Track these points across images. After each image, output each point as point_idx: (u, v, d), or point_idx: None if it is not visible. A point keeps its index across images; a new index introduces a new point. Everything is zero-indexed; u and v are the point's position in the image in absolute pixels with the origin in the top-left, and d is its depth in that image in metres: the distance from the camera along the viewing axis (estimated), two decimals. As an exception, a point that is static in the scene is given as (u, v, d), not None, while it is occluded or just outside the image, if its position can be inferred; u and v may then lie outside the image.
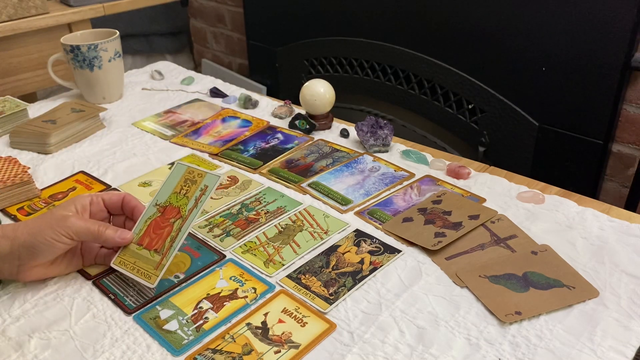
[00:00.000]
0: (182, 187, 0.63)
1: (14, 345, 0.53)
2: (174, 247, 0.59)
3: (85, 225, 0.57)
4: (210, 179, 0.62)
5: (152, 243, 0.60)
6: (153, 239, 0.60)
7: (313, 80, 0.92)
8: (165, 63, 1.28)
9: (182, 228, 0.60)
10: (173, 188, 0.63)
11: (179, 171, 0.65)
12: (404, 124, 1.52)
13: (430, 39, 1.37)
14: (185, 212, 0.61)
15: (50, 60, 1.05)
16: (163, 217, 0.61)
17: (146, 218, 0.62)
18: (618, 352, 0.50)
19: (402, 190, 0.76)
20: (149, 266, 0.58)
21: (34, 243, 0.56)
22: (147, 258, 0.59)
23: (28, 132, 0.90)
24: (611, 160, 1.20)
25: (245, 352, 0.51)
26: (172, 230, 0.60)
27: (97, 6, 1.43)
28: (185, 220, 0.60)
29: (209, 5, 2.11)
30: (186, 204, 0.62)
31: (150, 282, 0.58)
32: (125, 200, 0.62)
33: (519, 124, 1.25)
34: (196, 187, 0.62)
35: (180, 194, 0.62)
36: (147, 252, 0.59)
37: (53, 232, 0.56)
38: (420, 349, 0.51)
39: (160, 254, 0.59)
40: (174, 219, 0.61)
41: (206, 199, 0.61)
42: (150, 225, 0.61)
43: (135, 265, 0.59)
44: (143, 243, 0.60)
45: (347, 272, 0.60)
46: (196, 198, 0.61)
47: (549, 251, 0.62)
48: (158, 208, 0.62)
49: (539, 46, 1.17)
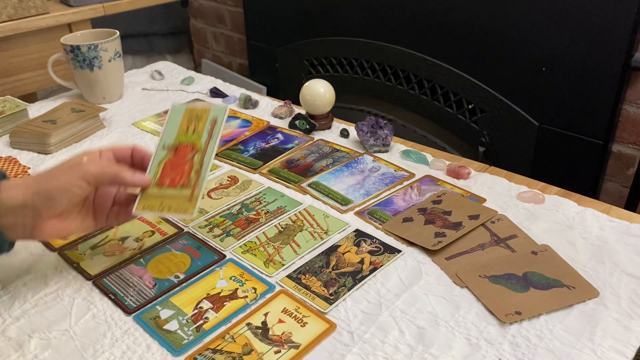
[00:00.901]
0: (189, 126, 0.61)
1: (14, 345, 0.53)
2: (202, 177, 0.58)
3: (101, 167, 0.55)
4: (217, 112, 0.61)
5: (175, 180, 0.58)
6: (175, 177, 0.59)
7: (313, 80, 0.92)
8: (165, 63, 1.28)
9: (205, 159, 0.59)
10: (177, 129, 0.61)
11: (177, 113, 0.62)
12: (404, 124, 1.52)
13: (430, 39, 1.37)
14: (201, 146, 0.60)
15: (50, 60, 1.05)
16: (177, 157, 0.60)
17: (157, 161, 0.60)
18: (618, 352, 0.50)
19: (402, 190, 0.76)
20: (179, 201, 0.57)
21: (49, 189, 0.53)
22: (174, 195, 0.58)
23: (28, 132, 0.90)
24: (611, 160, 1.20)
25: (245, 352, 0.51)
26: (193, 164, 0.59)
27: (97, 6, 1.43)
28: (204, 153, 0.59)
29: (209, 5, 2.11)
30: (199, 138, 0.60)
31: (189, 213, 0.56)
32: (135, 150, 0.60)
33: (519, 124, 1.25)
34: (204, 123, 0.61)
35: (189, 131, 0.61)
36: (172, 190, 0.58)
37: (68, 177, 0.53)
38: (420, 349, 0.51)
39: (189, 187, 0.58)
40: (192, 154, 0.60)
41: (220, 130, 0.60)
42: (165, 166, 0.60)
43: (163, 204, 0.58)
44: (164, 183, 0.59)
45: (347, 272, 0.60)
46: (208, 131, 0.60)
47: (549, 251, 0.62)
48: (168, 150, 0.61)
49: (539, 46, 1.17)
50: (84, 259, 0.64)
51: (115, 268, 0.62)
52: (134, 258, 0.64)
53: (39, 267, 0.63)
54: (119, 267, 0.63)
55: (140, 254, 0.65)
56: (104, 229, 0.69)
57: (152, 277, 0.61)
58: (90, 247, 0.66)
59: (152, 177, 0.59)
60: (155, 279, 0.60)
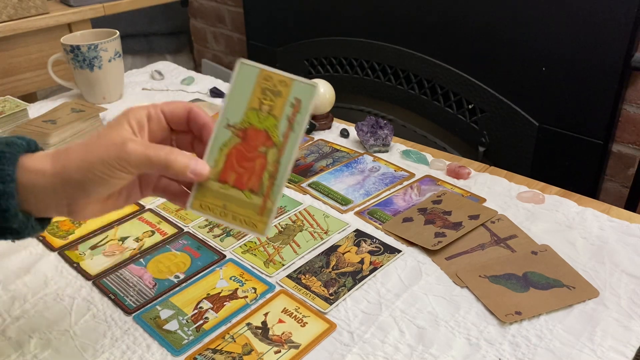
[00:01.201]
0: (262, 101, 0.46)
1: (14, 345, 0.53)
2: (277, 184, 0.45)
3: (145, 153, 0.43)
4: (302, 89, 0.46)
5: (244, 180, 0.45)
6: (242, 175, 0.46)
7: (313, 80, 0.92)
8: (165, 63, 1.28)
9: (282, 160, 0.45)
10: (247, 101, 0.46)
11: (248, 76, 0.47)
12: (404, 124, 1.52)
13: (430, 39, 1.37)
14: (278, 138, 0.45)
15: (50, 60, 1.05)
16: (247, 145, 0.46)
17: (220, 145, 0.46)
18: (618, 352, 0.50)
19: (402, 190, 0.76)
20: (248, 211, 0.45)
21: (83, 181, 0.43)
22: (241, 200, 0.45)
23: (28, 132, 0.90)
24: (611, 160, 1.20)
25: (245, 352, 0.51)
26: (266, 164, 0.45)
27: (97, 6, 1.43)
28: (282, 150, 0.45)
29: (209, 5, 2.11)
30: (275, 125, 0.46)
31: (259, 231, 0.45)
32: (192, 113, 0.47)
33: (519, 124, 1.25)
34: (283, 101, 0.46)
35: (262, 111, 0.46)
36: (238, 193, 0.45)
37: (106, 167, 0.42)
38: (420, 349, 0.51)
39: (260, 195, 0.45)
40: (265, 147, 0.46)
41: (304, 119, 0.45)
42: (231, 155, 0.46)
43: (227, 209, 0.46)
44: (228, 180, 0.46)
45: (347, 272, 0.60)
46: (289, 117, 0.46)
47: (549, 251, 0.62)
48: (234, 131, 0.46)
49: (539, 46, 1.17)
50: (84, 259, 0.64)
51: (115, 268, 0.62)
52: (134, 258, 0.64)
53: (39, 267, 0.63)
54: (119, 267, 0.63)
55: (140, 254, 0.65)
56: (104, 229, 0.69)
57: (152, 277, 0.61)
58: (90, 247, 0.66)
59: (213, 167, 0.46)
60: (155, 279, 0.60)
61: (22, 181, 0.42)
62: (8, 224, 0.42)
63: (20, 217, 0.42)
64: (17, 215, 0.42)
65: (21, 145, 0.44)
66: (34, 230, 0.45)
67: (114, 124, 0.45)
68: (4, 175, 0.41)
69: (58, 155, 0.43)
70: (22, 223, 0.43)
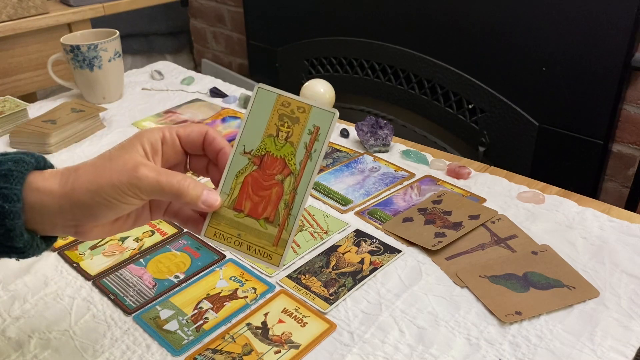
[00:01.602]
0: (279, 128, 0.45)
1: (14, 345, 0.53)
2: (293, 215, 0.44)
3: (157, 180, 0.41)
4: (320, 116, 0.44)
5: (259, 209, 0.45)
6: (258, 204, 0.45)
7: (313, 80, 0.92)
8: (165, 63, 1.28)
9: (299, 190, 0.44)
10: (265, 127, 0.45)
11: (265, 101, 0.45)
12: (404, 124, 1.52)
13: (430, 39, 1.37)
14: (295, 167, 0.44)
15: (50, 60, 1.05)
16: (263, 173, 0.45)
17: (236, 172, 0.45)
18: (618, 352, 0.50)
19: (402, 190, 0.76)
20: (262, 241, 0.45)
21: (92, 204, 0.41)
22: (256, 230, 0.45)
23: (28, 132, 0.90)
24: (611, 160, 1.20)
25: (245, 352, 0.51)
26: (283, 193, 0.44)
27: (97, 6, 1.43)
28: (299, 179, 0.44)
29: (209, 5, 2.11)
30: (293, 153, 0.44)
31: (273, 263, 0.44)
32: (208, 138, 0.45)
33: (519, 124, 1.25)
34: (301, 128, 0.44)
35: (279, 138, 0.45)
36: (253, 222, 0.45)
37: (116, 192, 0.41)
38: (420, 349, 0.51)
39: (275, 225, 0.44)
40: (281, 175, 0.45)
41: (323, 147, 0.44)
42: (246, 183, 0.45)
43: (242, 239, 0.45)
44: (243, 208, 0.45)
45: (347, 272, 0.60)
46: (306, 145, 0.44)
47: (549, 251, 0.62)
48: (250, 158, 0.45)
49: (539, 46, 1.17)
50: (84, 259, 0.64)
51: (115, 268, 0.62)
52: (134, 258, 0.64)
53: (39, 267, 0.63)
54: (119, 267, 0.63)
55: (140, 254, 0.65)
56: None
57: (152, 277, 0.61)
58: (90, 247, 0.66)
59: (228, 194, 0.45)
60: (155, 279, 0.60)
61: (29, 200, 0.41)
62: (13, 244, 0.41)
63: (25, 237, 0.42)
64: (22, 235, 0.41)
65: (30, 163, 0.43)
66: (38, 250, 0.44)
67: (127, 145, 0.43)
68: (11, 195, 0.40)
69: (67, 174, 0.42)
70: (27, 242, 0.42)
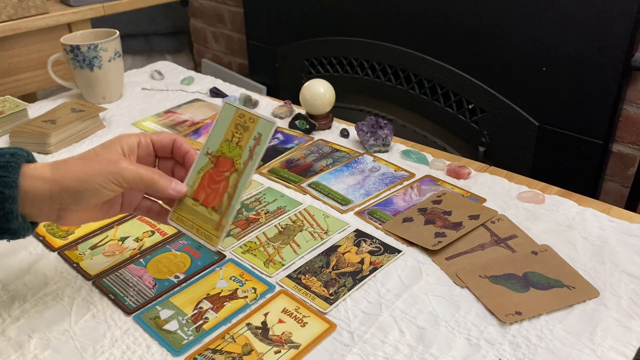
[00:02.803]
0: (234, 134, 0.56)
1: (14, 345, 0.53)
2: (232, 206, 0.54)
3: (137, 171, 0.51)
4: (263, 126, 0.55)
5: (209, 199, 0.55)
6: (209, 195, 0.55)
7: (313, 80, 0.92)
8: (165, 63, 1.28)
9: (239, 184, 0.54)
10: (224, 134, 0.57)
11: (227, 113, 0.57)
12: (404, 124, 1.52)
13: (430, 39, 1.37)
14: (240, 165, 0.55)
15: (50, 60, 1.05)
16: (217, 170, 0.56)
17: (198, 169, 0.56)
18: (618, 352, 0.50)
19: (402, 190, 0.76)
20: (208, 226, 0.55)
21: (80, 190, 0.50)
22: (205, 216, 0.55)
23: (28, 132, 0.90)
24: (611, 160, 1.20)
25: (245, 352, 0.51)
26: (228, 186, 0.55)
27: (97, 6, 1.43)
28: (240, 175, 0.55)
29: (209, 5, 2.11)
30: (240, 154, 0.56)
31: (212, 244, 0.54)
32: (177, 143, 0.56)
33: (519, 124, 1.25)
34: (249, 135, 0.56)
35: (232, 142, 0.56)
36: (204, 210, 0.55)
37: (102, 179, 0.50)
38: (421, 349, 0.51)
39: (219, 212, 0.54)
40: (229, 172, 0.55)
41: (262, 150, 0.55)
42: (205, 177, 0.56)
43: (194, 223, 0.55)
44: (199, 198, 0.55)
45: (347, 272, 0.60)
46: (250, 148, 0.55)
47: (549, 251, 0.62)
48: (210, 158, 0.56)
49: (539, 46, 1.17)
50: (84, 259, 0.64)
51: (115, 268, 0.62)
52: (134, 258, 0.64)
53: (39, 267, 0.63)
54: (118, 267, 0.63)
55: (140, 254, 0.65)
56: (104, 229, 0.69)
57: (152, 277, 0.61)
58: (90, 247, 0.66)
59: (191, 186, 0.56)
60: (155, 279, 0.60)
61: (23, 186, 0.49)
62: (9, 225, 0.48)
63: (19, 220, 0.49)
64: (17, 217, 0.49)
65: (22, 156, 0.50)
66: (27, 232, 0.51)
67: (108, 145, 0.53)
68: (10, 182, 0.48)
69: (57, 165, 0.50)
70: (20, 225, 0.49)
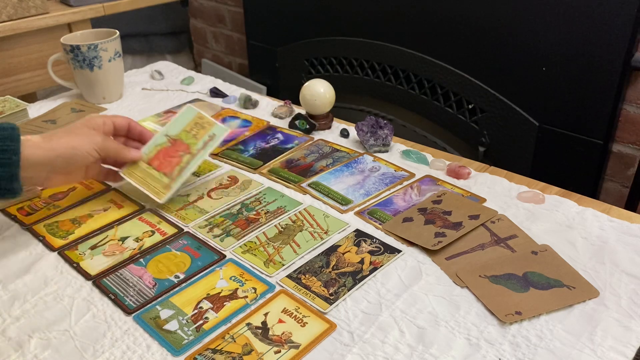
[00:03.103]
0: (193, 128, 0.72)
1: (14, 345, 0.53)
2: (182, 175, 0.70)
3: (108, 142, 0.68)
4: (219, 130, 0.73)
5: (162, 166, 0.70)
6: (162, 163, 0.71)
7: (313, 80, 0.92)
8: (165, 63, 1.28)
9: (191, 162, 0.70)
10: (184, 126, 0.73)
11: (189, 113, 0.73)
12: (404, 124, 1.52)
13: (430, 39, 1.37)
14: (194, 150, 0.71)
15: (50, 60, 1.05)
16: (173, 148, 0.71)
17: (156, 144, 0.72)
18: (618, 352, 0.50)
19: (402, 190, 0.76)
20: (157, 184, 0.69)
21: (74, 154, 0.64)
22: (155, 178, 0.70)
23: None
24: (611, 160, 1.20)
25: (245, 352, 0.51)
26: (181, 162, 0.70)
27: (97, 6, 1.43)
28: (194, 157, 0.71)
29: (209, 5, 2.11)
30: (195, 144, 0.71)
31: (159, 197, 0.69)
32: (132, 125, 0.73)
33: (519, 124, 1.25)
34: (205, 132, 0.72)
35: (190, 133, 0.72)
36: (156, 173, 0.70)
37: (89, 147, 0.65)
38: (421, 349, 0.51)
39: (169, 178, 0.69)
40: (184, 153, 0.71)
41: (213, 146, 0.72)
42: (161, 151, 0.71)
43: (145, 180, 0.70)
44: (153, 164, 0.70)
45: (347, 272, 0.60)
46: (205, 142, 0.71)
47: (549, 251, 0.62)
48: (168, 139, 0.72)
49: (538, 46, 1.17)
50: (84, 259, 0.64)
51: (115, 268, 0.62)
52: (134, 258, 0.64)
53: (39, 267, 0.63)
54: (119, 267, 0.63)
55: (140, 254, 0.65)
56: (104, 229, 0.69)
57: (152, 277, 0.61)
58: (90, 247, 0.66)
59: (146, 154, 0.72)
60: (155, 279, 0.60)
61: (24, 154, 0.60)
62: (12, 186, 0.60)
63: (20, 181, 0.60)
64: (19, 179, 0.60)
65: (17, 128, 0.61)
66: (21, 192, 0.61)
67: (84, 123, 0.68)
68: (16, 149, 0.59)
69: (48, 137, 0.64)
70: (19, 185, 0.60)
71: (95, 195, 0.76)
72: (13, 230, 0.70)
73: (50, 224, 0.70)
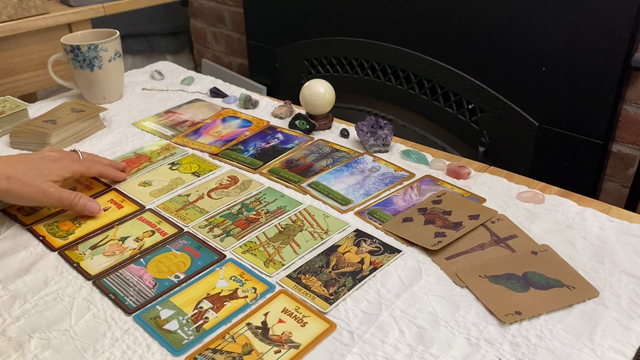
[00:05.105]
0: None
1: (14, 345, 0.53)
2: None
3: (60, 195, 0.70)
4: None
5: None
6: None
7: (313, 80, 0.92)
8: (165, 63, 1.28)
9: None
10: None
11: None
12: (404, 124, 1.52)
13: (430, 39, 1.37)
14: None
15: (50, 60, 1.05)
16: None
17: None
18: (618, 352, 0.50)
19: (402, 190, 0.76)
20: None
21: (8, 196, 0.68)
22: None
23: (28, 132, 0.90)
24: (611, 160, 1.20)
25: (245, 352, 0.51)
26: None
27: (97, 6, 1.43)
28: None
29: (209, 5, 2.11)
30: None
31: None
32: (104, 174, 0.79)
33: (519, 124, 1.25)
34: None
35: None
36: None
37: (32, 202, 0.70)
38: (420, 349, 0.51)
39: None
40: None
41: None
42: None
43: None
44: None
45: (347, 272, 0.60)
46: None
47: (549, 251, 0.62)
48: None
49: (539, 46, 1.17)
50: (84, 259, 0.64)
51: (116, 268, 0.62)
52: (134, 258, 0.64)
53: (39, 267, 0.63)
54: (119, 267, 0.63)
55: (140, 254, 0.65)
56: (104, 229, 0.69)
57: (152, 277, 0.61)
58: (90, 247, 0.66)
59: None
60: (155, 279, 0.61)
61: None
62: None
63: None
64: None
65: None
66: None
67: (40, 171, 0.70)
68: None
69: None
70: None
71: (96, 195, 0.76)
72: (13, 230, 0.70)
73: (50, 224, 0.70)
